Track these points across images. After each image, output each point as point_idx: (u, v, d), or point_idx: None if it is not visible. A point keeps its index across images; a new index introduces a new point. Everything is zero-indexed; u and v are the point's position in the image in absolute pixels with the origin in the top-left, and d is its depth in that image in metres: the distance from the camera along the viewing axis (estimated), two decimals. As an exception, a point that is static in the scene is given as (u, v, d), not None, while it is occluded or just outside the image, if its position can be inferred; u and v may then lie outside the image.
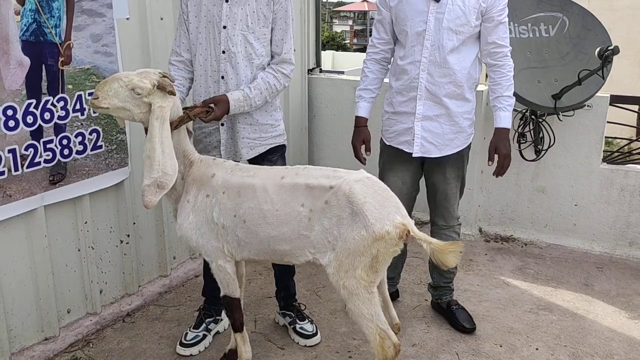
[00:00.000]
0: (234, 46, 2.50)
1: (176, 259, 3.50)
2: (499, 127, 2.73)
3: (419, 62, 2.64)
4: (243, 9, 2.48)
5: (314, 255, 2.19)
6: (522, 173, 4.04)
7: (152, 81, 2.17)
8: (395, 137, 2.80)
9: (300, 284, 3.35)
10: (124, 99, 2.16)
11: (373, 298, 2.15)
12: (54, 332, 2.77)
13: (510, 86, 2.72)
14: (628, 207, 3.79)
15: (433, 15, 2.58)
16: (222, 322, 2.95)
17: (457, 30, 2.58)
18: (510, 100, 2.72)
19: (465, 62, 2.64)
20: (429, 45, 2.60)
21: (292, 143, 4.38)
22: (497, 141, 2.74)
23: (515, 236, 4.13)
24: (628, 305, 3.25)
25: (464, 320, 2.97)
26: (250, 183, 2.23)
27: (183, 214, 2.31)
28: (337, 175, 2.18)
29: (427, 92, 2.66)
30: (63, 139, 2.69)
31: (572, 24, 3.75)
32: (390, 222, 2.07)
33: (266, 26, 2.53)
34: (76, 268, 2.89)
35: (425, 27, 2.59)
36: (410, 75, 2.67)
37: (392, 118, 2.80)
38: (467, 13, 2.57)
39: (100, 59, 2.82)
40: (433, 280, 3.08)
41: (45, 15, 2.56)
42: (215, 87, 2.56)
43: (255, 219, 2.20)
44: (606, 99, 3.75)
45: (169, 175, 2.16)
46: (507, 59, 2.70)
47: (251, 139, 2.62)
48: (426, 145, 2.72)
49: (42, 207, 2.64)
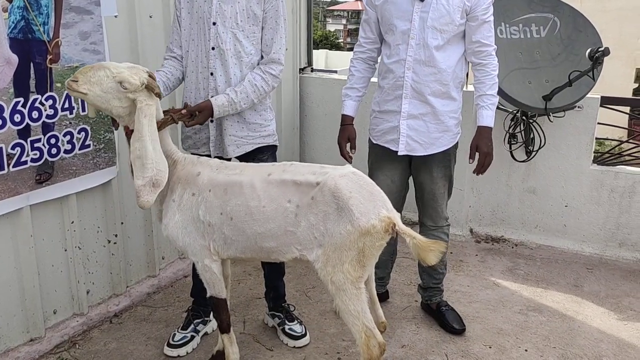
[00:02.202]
0: (223, 43, 2.49)
1: (165, 259, 3.48)
2: (482, 126, 2.72)
3: (404, 60, 2.65)
4: (233, 7, 2.47)
5: (301, 251, 2.19)
6: (513, 174, 4.04)
7: (142, 79, 2.14)
8: (381, 136, 2.82)
9: (290, 285, 3.33)
10: (107, 89, 2.11)
11: (360, 294, 2.15)
12: (39, 333, 2.74)
13: (494, 85, 2.71)
14: (618, 209, 3.80)
15: (418, 14, 2.60)
16: (210, 323, 2.93)
17: (442, 29, 2.59)
18: (494, 99, 2.72)
19: (450, 60, 2.65)
20: (414, 43, 2.62)
21: (283, 142, 4.36)
22: (479, 139, 2.72)
23: (506, 237, 4.13)
24: (617, 307, 3.25)
25: (454, 321, 2.96)
26: (237, 180, 2.22)
27: (169, 213, 2.30)
28: (324, 172, 2.18)
29: (412, 91, 2.67)
30: (51, 138, 2.66)
31: (563, 25, 3.75)
32: (375, 216, 2.07)
33: (256, 25, 2.52)
34: (63, 268, 2.86)
35: (410, 26, 2.61)
36: (396, 74, 2.68)
37: (378, 117, 2.82)
38: (452, 12, 2.59)
39: (89, 57, 2.79)
40: (423, 281, 3.08)
41: (34, 12, 2.53)
42: (204, 84, 2.55)
43: (242, 216, 2.20)
44: (597, 100, 3.75)
45: (163, 172, 2.14)
46: (491, 57, 2.69)
47: (238, 137, 2.61)
48: (411, 143, 2.73)
49: (27, 206, 2.61)
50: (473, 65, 2.74)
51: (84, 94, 2.12)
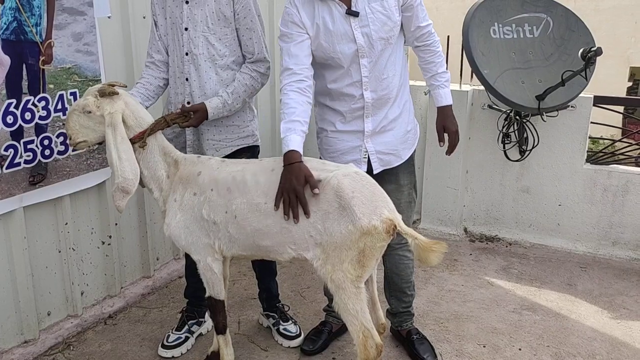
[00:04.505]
0: (195, 48, 2.50)
1: (160, 259, 3.48)
2: (443, 106, 2.56)
3: (359, 82, 2.42)
4: (202, 10, 2.48)
5: (296, 251, 2.18)
6: (507, 173, 4.06)
7: (93, 93, 2.24)
8: (339, 156, 2.55)
9: (285, 285, 3.34)
10: (87, 124, 2.25)
11: (360, 294, 2.15)
12: (33, 334, 2.74)
13: (442, 61, 2.55)
14: (611, 207, 3.82)
15: (359, 31, 2.34)
16: (205, 324, 2.93)
17: (388, 37, 2.38)
18: (447, 76, 2.56)
19: (398, 62, 2.48)
20: (366, 62, 2.39)
21: (278, 143, 4.36)
22: (444, 120, 2.57)
23: (500, 236, 4.14)
24: (611, 305, 3.27)
25: (425, 352, 2.71)
26: (240, 178, 2.22)
27: (170, 213, 2.31)
28: (326, 169, 2.18)
29: (373, 109, 2.47)
30: (44, 140, 2.65)
31: (556, 25, 3.77)
32: (377, 217, 2.07)
33: (227, 26, 2.51)
34: (57, 270, 2.85)
35: (356, 47, 2.36)
36: (353, 96, 2.44)
37: (333, 137, 2.54)
38: (391, 15, 2.37)
39: (82, 58, 2.79)
40: (391, 306, 2.84)
41: (26, 13, 2.52)
42: (181, 89, 2.57)
43: (245, 214, 2.19)
44: (590, 99, 3.77)
45: (129, 179, 2.20)
46: (432, 35, 2.50)
47: (216, 141, 2.61)
48: (384, 158, 2.53)
49: (21, 208, 2.60)
50: (416, 47, 2.55)
51: (84, 141, 2.29)
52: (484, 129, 4.00)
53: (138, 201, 3.24)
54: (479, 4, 3.71)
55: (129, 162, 2.20)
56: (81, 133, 2.26)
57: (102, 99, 2.21)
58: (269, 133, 4.24)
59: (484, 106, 3.98)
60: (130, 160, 2.21)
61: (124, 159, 2.19)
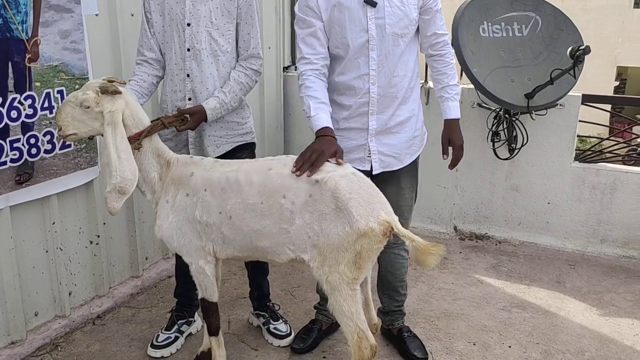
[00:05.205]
0: (198, 43, 2.48)
1: (148, 259, 3.45)
2: (450, 119, 2.56)
3: (367, 75, 2.39)
4: (206, 6, 2.46)
5: (295, 252, 2.17)
6: (496, 171, 4.07)
7: (94, 89, 2.17)
8: (344, 154, 2.43)
9: (275, 284, 3.32)
10: (80, 118, 2.19)
11: (355, 295, 2.14)
12: (20, 335, 2.71)
13: (454, 74, 2.55)
14: (599, 205, 3.84)
15: (373, 22, 2.34)
16: (194, 324, 2.91)
17: (402, 33, 2.37)
18: (457, 89, 2.56)
19: (410, 62, 2.46)
20: (375, 55, 2.37)
21: (267, 140, 4.36)
22: (451, 133, 2.56)
23: (490, 234, 4.15)
24: (599, 302, 3.29)
25: (415, 349, 2.72)
26: (234, 178, 2.20)
27: (162, 215, 2.28)
28: (323, 169, 2.15)
29: (379, 106, 2.44)
30: (31, 138, 2.62)
31: (545, 23, 3.78)
32: (374, 219, 2.06)
33: (230, 22, 2.51)
34: (44, 270, 2.82)
35: (367, 37, 2.35)
36: (359, 90, 2.43)
37: (338, 135, 2.44)
38: (408, 12, 2.37)
39: (69, 56, 2.76)
40: (383, 305, 2.84)
41: (12, 10, 2.49)
42: (181, 85, 2.54)
43: (241, 214, 2.17)
44: (578, 98, 3.79)
45: (128, 180, 2.14)
46: (448, 47, 2.53)
47: (217, 137, 2.59)
48: (385, 159, 2.51)
49: (7, 207, 2.57)
50: (429, 57, 2.57)
51: (74, 133, 2.23)
52: (474, 128, 4.01)
53: (127, 200, 3.19)
54: (469, 3, 3.71)
55: (129, 162, 2.15)
56: (72, 125, 2.20)
57: (103, 96, 2.16)
58: (258, 130, 4.22)
59: (473, 104, 3.99)
60: (130, 160, 2.15)
61: (124, 158, 2.13)
